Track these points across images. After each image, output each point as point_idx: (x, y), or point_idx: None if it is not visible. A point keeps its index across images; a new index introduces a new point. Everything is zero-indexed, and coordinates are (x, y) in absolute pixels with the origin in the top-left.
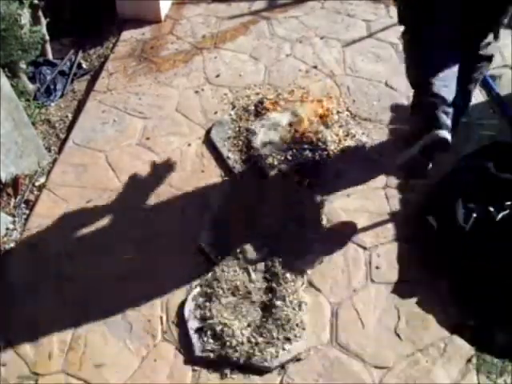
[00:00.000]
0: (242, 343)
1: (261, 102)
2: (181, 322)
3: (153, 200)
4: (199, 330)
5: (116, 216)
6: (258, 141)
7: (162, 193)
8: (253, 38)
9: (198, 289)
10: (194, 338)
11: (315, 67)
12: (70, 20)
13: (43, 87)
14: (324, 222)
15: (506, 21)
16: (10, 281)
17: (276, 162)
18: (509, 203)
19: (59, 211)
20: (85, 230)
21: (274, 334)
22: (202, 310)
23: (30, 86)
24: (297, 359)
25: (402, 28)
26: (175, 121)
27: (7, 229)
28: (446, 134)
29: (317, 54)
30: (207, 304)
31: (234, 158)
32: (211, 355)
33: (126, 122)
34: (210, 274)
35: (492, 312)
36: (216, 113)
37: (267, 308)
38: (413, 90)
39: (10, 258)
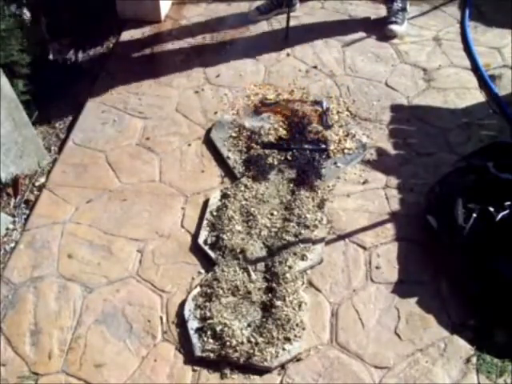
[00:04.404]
0: (242, 343)
1: (261, 102)
2: (181, 321)
3: (153, 200)
4: (199, 330)
5: (116, 216)
6: (258, 141)
7: (162, 193)
8: (253, 38)
9: (198, 289)
10: (194, 338)
11: (315, 67)
12: (69, 20)
13: (43, 87)
14: (324, 221)
15: None
16: (10, 281)
17: (276, 162)
18: (509, 203)
19: (59, 211)
20: (85, 230)
21: (274, 334)
22: (201, 310)
23: (30, 86)
24: (297, 359)
25: None
26: (175, 121)
27: (7, 229)
28: None
29: (317, 54)
30: (207, 304)
31: (233, 158)
32: (211, 355)
33: (126, 122)
34: (209, 274)
35: (492, 312)
36: (216, 113)
37: (267, 308)
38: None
39: (10, 257)
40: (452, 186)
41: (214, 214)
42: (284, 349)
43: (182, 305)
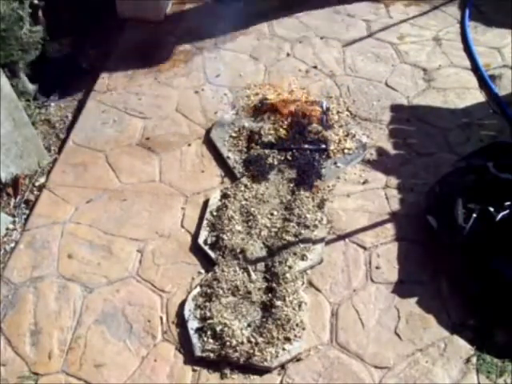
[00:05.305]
0: (242, 343)
1: (261, 102)
2: (181, 321)
3: (153, 200)
4: (199, 330)
5: (116, 216)
6: (258, 141)
7: (162, 193)
8: (253, 38)
9: (198, 289)
10: (194, 338)
11: (315, 67)
12: (69, 20)
13: (43, 87)
14: (324, 221)
15: None
16: (10, 281)
17: (276, 162)
18: (509, 203)
19: (59, 211)
20: (85, 230)
21: (274, 334)
22: (201, 310)
23: (30, 86)
24: (297, 359)
25: None
26: (175, 121)
27: (7, 229)
28: None
29: (317, 54)
30: (207, 304)
31: (233, 158)
32: (211, 355)
33: (126, 122)
34: (209, 274)
35: (492, 312)
36: (216, 113)
37: (267, 308)
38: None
39: (10, 257)
40: (452, 185)
41: (214, 213)
42: (284, 349)
43: (182, 305)
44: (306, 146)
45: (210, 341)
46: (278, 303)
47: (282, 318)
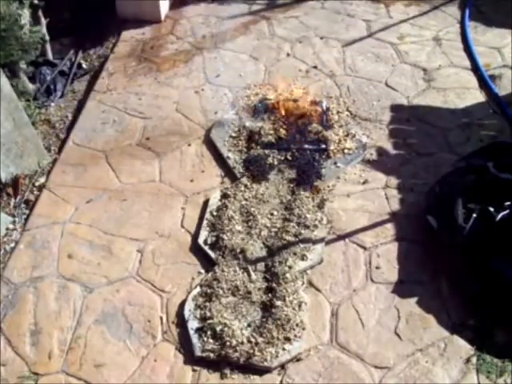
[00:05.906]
0: (242, 343)
1: (261, 102)
2: (181, 321)
3: (153, 200)
4: (199, 330)
5: (116, 216)
6: (258, 141)
7: (162, 193)
8: (253, 38)
9: (198, 289)
10: (194, 338)
11: (315, 67)
12: (70, 20)
13: (43, 87)
14: (324, 221)
15: None
16: (10, 281)
17: (276, 162)
18: (509, 203)
19: (59, 211)
20: (85, 230)
21: (274, 334)
22: (202, 310)
23: (30, 86)
24: (297, 359)
25: None
26: (175, 121)
27: (7, 229)
28: None
29: (317, 54)
30: (207, 304)
31: (233, 158)
32: (211, 355)
33: (126, 122)
34: (209, 274)
35: (492, 312)
36: (216, 113)
37: (267, 308)
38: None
39: (10, 257)
40: (452, 185)
41: (214, 213)
42: (284, 349)
43: (182, 305)
44: (306, 145)
45: (210, 341)
46: (278, 303)
47: (281, 318)
